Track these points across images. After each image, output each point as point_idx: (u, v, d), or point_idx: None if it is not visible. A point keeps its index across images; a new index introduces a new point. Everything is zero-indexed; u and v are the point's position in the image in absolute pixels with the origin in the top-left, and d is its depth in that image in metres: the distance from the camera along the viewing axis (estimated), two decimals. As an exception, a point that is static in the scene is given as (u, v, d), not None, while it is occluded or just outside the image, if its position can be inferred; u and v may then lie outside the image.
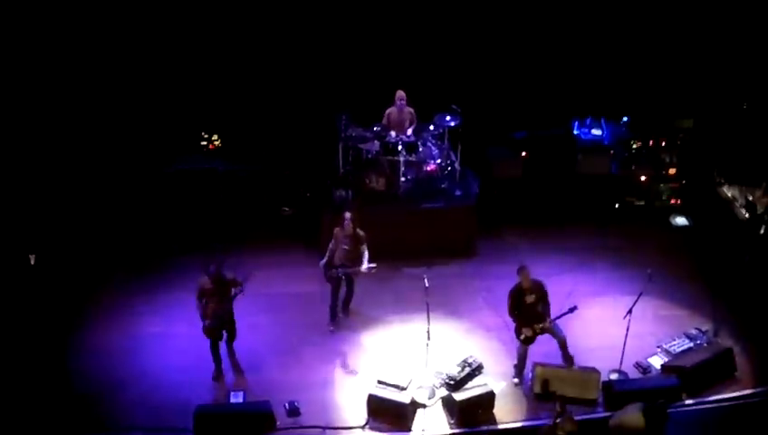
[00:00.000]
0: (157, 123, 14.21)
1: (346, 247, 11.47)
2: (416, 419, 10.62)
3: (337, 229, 11.61)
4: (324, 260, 11.67)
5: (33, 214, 13.06)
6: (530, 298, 10.80)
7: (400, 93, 13.51)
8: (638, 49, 14.54)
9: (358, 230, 11.49)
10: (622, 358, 11.12)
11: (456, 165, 13.89)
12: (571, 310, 10.78)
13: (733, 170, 13.94)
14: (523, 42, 14.62)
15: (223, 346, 11.18)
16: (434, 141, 13.86)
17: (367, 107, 13.85)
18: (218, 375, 11.15)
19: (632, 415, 9.29)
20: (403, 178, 13.47)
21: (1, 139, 13.26)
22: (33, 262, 12.36)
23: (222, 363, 11.14)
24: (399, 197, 13.51)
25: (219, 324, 10.89)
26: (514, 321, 10.97)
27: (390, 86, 13.66)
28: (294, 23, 14.23)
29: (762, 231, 12.05)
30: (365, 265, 11.32)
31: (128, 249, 13.50)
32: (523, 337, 10.91)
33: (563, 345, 10.99)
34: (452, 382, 10.98)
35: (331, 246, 11.65)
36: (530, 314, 10.85)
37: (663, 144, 14.50)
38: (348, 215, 11.48)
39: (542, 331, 10.88)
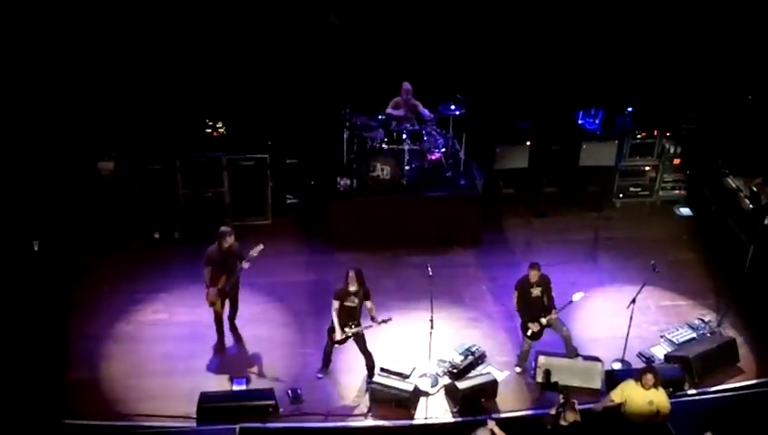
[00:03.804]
0: (162, 110, 14.16)
1: (353, 305, 10.64)
2: (418, 407, 10.65)
3: (339, 289, 10.65)
4: (334, 326, 10.71)
5: (36, 200, 13.04)
6: (536, 291, 10.82)
7: (407, 86, 13.50)
8: (644, 39, 14.45)
9: (366, 285, 10.71)
10: (625, 348, 11.14)
11: (461, 154, 13.86)
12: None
13: (737, 161, 13.89)
14: (529, 31, 14.54)
15: (227, 323, 11.33)
16: (438, 130, 13.82)
17: (372, 95, 13.81)
18: (221, 347, 11.25)
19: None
20: (408, 167, 13.45)
21: (3, 124, 13.22)
22: (36, 248, 12.35)
23: (225, 338, 11.22)
24: (404, 185, 13.49)
25: (223, 295, 10.96)
26: (521, 316, 10.98)
27: (396, 74, 13.64)
28: (300, 10, 14.17)
29: (766, 221, 12.00)
30: (378, 319, 10.66)
31: (130, 236, 13.51)
32: (530, 333, 10.90)
33: (567, 340, 10.98)
34: (455, 371, 11.02)
35: (334, 308, 10.65)
36: (536, 307, 10.85)
37: (667, 134, 14.45)
38: (352, 274, 10.56)
39: (548, 324, 10.87)
